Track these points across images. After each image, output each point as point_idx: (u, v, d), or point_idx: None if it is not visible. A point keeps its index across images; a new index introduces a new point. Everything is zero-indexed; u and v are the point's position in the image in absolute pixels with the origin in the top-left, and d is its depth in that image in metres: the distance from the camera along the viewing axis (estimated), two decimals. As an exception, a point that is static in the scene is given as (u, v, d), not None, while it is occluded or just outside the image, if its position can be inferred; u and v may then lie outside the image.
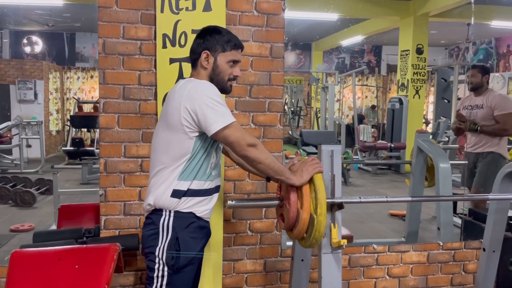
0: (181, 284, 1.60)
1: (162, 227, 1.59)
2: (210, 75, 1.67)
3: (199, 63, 1.67)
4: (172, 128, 1.58)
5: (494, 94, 3.33)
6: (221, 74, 1.67)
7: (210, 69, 1.66)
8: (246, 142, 1.55)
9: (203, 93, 1.55)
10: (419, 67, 7.97)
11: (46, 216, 4.56)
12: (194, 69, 1.70)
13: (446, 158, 2.88)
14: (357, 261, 2.53)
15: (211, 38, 1.66)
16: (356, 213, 4.85)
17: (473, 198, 2.93)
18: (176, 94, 1.61)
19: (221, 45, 1.66)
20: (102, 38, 2.15)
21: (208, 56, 1.66)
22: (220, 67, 1.66)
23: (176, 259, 1.57)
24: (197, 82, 1.62)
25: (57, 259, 1.70)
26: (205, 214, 1.67)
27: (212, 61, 1.66)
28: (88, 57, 10.90)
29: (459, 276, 2.68)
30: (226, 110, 1.58)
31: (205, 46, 1.66)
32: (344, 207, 1.77)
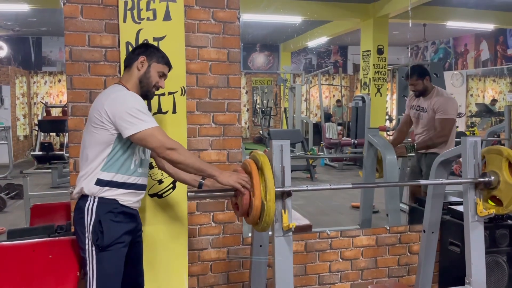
0: (110, 262, 1.79)
1: (87, 211, 1.80)
2: (140, 77, 1.93)
3: (135, 64, 1.93)
4: (96, 126, 1.82)
5: (438, 96, 3.24)
6: (150, 79, 1.94)
7: (142, 72, 1.93)
8: (165, 146, 1.77)
9: (124, 101, 1.80)
10: (380, 66, 8.36)
11: (16, 219, 4.62)
12: (128, 69, 1.96)
13: (393, 151, 3.16)
14: (312, 246, 2.76)
15: (150, 49, 1.98)
16: (320, 206, 5.13)
17: (407, 184, 3.21)
18: (102, 97, 1.87)
19: (156, 57, 1.96)
20: (68, 46, 2.31)
21: (144, 61, 1.93)
22: (151, 73, 1.94)
23: (100, 239, 1.77)
24: (123, 92, 1.87)
25: (32, 251, 1.85)
26: (130, 204, 1.88)
27: (146, 66, 1.93)
28: (55, 61, 10.82)
29: (405, 257, 2.96)
30: (146, 117, 1.79)
31: (144, 53, 1.95)
32: (292, 195, 2.00)
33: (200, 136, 2.53)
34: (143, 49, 1.97)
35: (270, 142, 2.04)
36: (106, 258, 1.79)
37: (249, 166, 1.94)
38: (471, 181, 2.23)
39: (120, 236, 1.82)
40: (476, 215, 2.25)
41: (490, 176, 2.21)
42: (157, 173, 2.38)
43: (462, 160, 2.29)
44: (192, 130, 2.50)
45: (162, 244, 2.38)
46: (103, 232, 1.78)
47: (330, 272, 2.81)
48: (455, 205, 2.94)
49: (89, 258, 1.79)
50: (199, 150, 2.53)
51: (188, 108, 2.46)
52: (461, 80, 11.44)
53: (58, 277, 1.80)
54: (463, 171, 2.30)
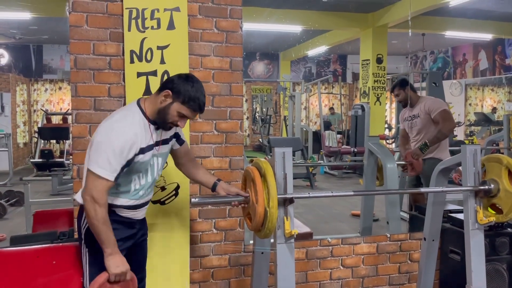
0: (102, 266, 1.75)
1: (84, 216, 1.78)
2: (159, 109, 1.79)
3: (160, 94, 1.79)
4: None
5: (425, 100, 3.50)
6: (167, 116, 1.79)
7: (163, 106, 1.78)
8: (93, 195, 1.66)
9: (107, 135, 1.70)
10: (379, 75, 8.42)
11: (17, 226, 4.62)
12: (156, 94, 1.82)
13: (393, 159, 3.18)
14: (313, 253, 2.77)
15: (182, 86, 1.77)
16: (320, 214, 5.13)
17: (408, 191, 3.23)
18: (108, 118, 1.83)
19: (183, 97, 1.76)
20: (73, 54, 2.34)
21: (168, 96, 1.77)
22: (170, 111, 1.78)
23: (93, 242, 1.75)
24: (116, 124, 1.74)
25: (36, 257, 1.86)
26: (129, 216, 1.87)
27: (168, 102, 1.77)
28: (56, 69, 10.86)
29: (405, 265, 2.97)
30: (106, 163, 1.66)
31: (172, 88, 1.77)
32: (294, 202, 2.02)
33: (202, 144, 2.55)
34: (174, 82, 1.78)
35: (272, 150, 2.06)
36: (99, 262, 1.79)
37: (252, 173, 1.96)
38: (471, 189, 2.25)
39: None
40: (476, 223, 2.27)
41: (490, 184, 2.23)
42: (160, 180, 2.40)
43: (462, 168, 2.32)
44: (194, 138, 2.52)
45: (164, 251, 2.39)
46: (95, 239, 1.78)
47: (331, 280, 2.82)
48: (455, 213, 2.96)
49: (84, 261, 1.82)
50: (202, 157, 2.55)
51: (191, 116, 2.48)
52: (459, 89, 11.51)
53: (61, 283, 1.81)
54: (463, 179, 2.32)
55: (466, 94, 11.54)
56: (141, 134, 1.77)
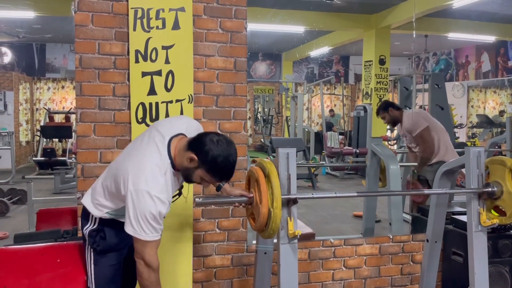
0: (105, 265, 1.80)
1: (91, 218, 1.81)
2: (184, 167, 1.70)
3: (187, 155, 1.67)
4: (113, 184, 1.73)
5: (405, 119, 3.55)
6: (190, 177, 1.73)
7: (187, 167, 1.69)
8: (145, 259, 1.66)
9: (143, 198, 1.60)
10: (381, 76, 8.42)
11: (19, 224, 4.63)
12: (186, 147, 1.69)
13: (396, 160, 3.19)
14: (316, 254, 2.77)
15: (210, 154, 1.65)
16: (322, 215, 5.14)
17: (411, 193, 3.23)
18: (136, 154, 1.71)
19: (210, 166, 1.67)
20: (78, 53, 2.34)
21: (193, 160, 1.66)
22: (194, 175, 1.71)
23: (97, 243, 1.78)
24: (154, 189, 1.62)
25: (40, 255, 1.87)
26: None
27: (192, 166, 1.68)
28: (59, 68, 10.89)
29: (408, 266, 2.97)
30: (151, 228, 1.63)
31: (199, 153, 1.66)
32: (298, 202, 2.02)
33: (206, 144, 2.55)
34: (203, 148, 1.65)
35: (276, 150, 2.07)
36: (103, 261, 1.82)
37: (256, 173, 1.96)
38: (475, 191, 2.25)
39: (117, 243, 1.83)
40: (479, 225, 2.27)
41: (494, 186, 2.23)
42: (164, 179, 2.40)
43: (466, 170, 2.32)
44: (198, 138, 2.52)
45: (167, 250, 2.39)
46: (100, 238, 1.80)
47: (333, 281, 2.82)
48: (458, 215, 2.96)
49: (88, 261, 1.83)
50: (205, 157, 2.55)
51: (195, 116, 2.49)
52: (462, 91, 11.51)
53: (66, 281, 1.82)
54: (467, 181, 2.32)
55: (468, 96, 11.53)
56: (173, 190, 1.74)
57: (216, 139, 1.68)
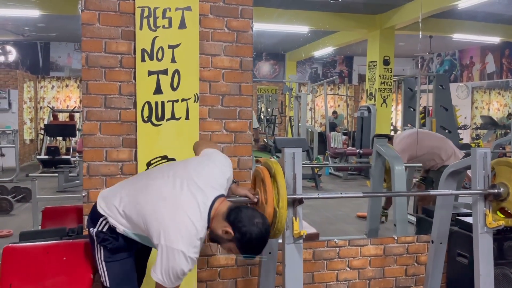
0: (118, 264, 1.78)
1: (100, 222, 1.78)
2: (217, 234, 1.70)
3: (224, 226, 1.66)
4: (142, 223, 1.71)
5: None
6: (218, 243, 1.74)
7: (220, 236, 1.69)
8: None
9: (173, 257, 1.60)
10: (386, 77, 8.41)
11: (23, 222, 4.64)
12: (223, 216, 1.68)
13: (401, 161, 3.17)
14: (320, 254, 2.77)
15: (247, 234, 1.64)
16: (326, 216, 5.13)
17: (417, 193, 3.22)
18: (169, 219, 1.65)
19: (242, 245, 1.67)
20: (85, 52, 2.35)
21: (228, 234, 1.66)
22: (224, 245, 1.71)
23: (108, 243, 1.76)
24: (188, 251, 1.61)
25: (46, 253, 1.87)
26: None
27: (226, 238, 1.68)
28: (63, 67, 10.90)
29: (412, 267, 2.96)
30: (178, 279, 1.64)
31: (238, 231, 1.64)
32: (303, 202, 2.02)
33: (211, 143, 2.55)
34: (241, 225, 1.64)
35: (282, 150, 2.07)
36: (115, 257, 1.79)
37: (262, 173, 1.96)
38: (481, 193, 2.25)
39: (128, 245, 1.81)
40: (485, 227, 2.26)
41: (500, 187, 2.23)
42: (169, 178, 2.41)
43: (472, 172, 2.31)
44: (204, 137, 2.53)
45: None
46: (111, 238, 1.78)
47: (338, 281, 2.82)
48: (463, 216, 2.95)
49: (98, 257, 1.79)
50: (210, 157, 2.55)
51: (201, 115, 2.50)
52: (466, 92, 11.47)
53: (72, 279, 1.82)
54: (473, 183, 2.32)
55: (472, 97, 11.50)
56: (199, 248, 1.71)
57: (256, 221, 1.67)
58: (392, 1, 7.59)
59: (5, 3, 6.45)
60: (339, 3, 7.06)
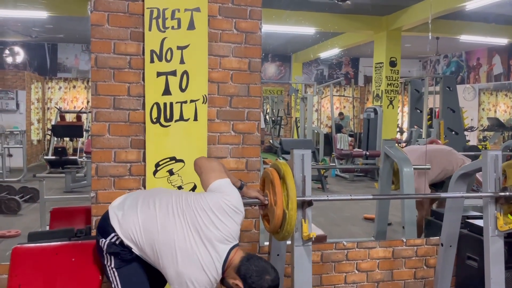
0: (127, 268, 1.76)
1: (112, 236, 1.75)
2: (227, 283, 1.72)
3: (235, 278, 1.69)
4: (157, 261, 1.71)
5: None
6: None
7: (229, 284, 1.71)
8: None
9: None
10: (392, 78, 8.37)
11: (31, 222, 4.66)
12: (235, 270, 1.69)
13: (410, 163, 3.15)
14: (328, 257, 2.75)
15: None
16: (332, 217, 5.10)
17: (427, 196, 3.19)
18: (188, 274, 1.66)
19: None
20: (94, 53, 2.35)
21: (238, 286, 1.68)
22: None
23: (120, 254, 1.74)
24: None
25: (55, 254, 1.87)
26: None
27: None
28: (70, 68, 10.95)
29: (421, 270, 2.93)
30: None
31: (247, 283, 1.67)
32: (313, 204, 2.01)
33: (219, 144, 2.55)
34: (250, 280, 1.67)
35: (291, 152, 2.06)
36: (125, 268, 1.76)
37: (271, 175, 1.96)
38: (492, 195, 2.23)
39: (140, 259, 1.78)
40: (496, 230, 2.24)
41: (511, 190, 2.21)
42: (177, 179, 2.41)
43: (483, 174, 2.29)
44: (212, 138, 2.52)
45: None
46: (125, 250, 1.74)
47: (346, 284, 2.80)
48: (472, 219, 2.92)
49: (108, 263, 1.76)
50: (219, 158, 2.54)
51: (209, 116, 2.49)
52: (473, 94, 11.41)
53: (80, 280, 1.82)
54: (484, 185, 2.29)
55: (479, 99, 11.43)
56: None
57: (266, 278, 1.68)
58: (399, 3, 7.56)
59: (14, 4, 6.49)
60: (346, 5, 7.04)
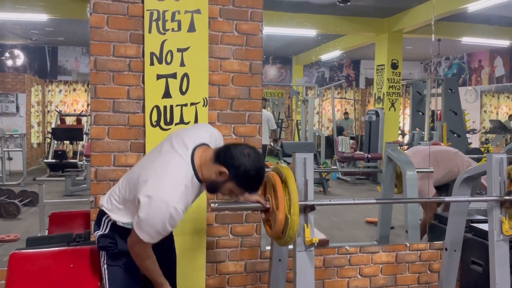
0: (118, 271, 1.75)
1: (104, 221, 1.77)
2: (212, 181, 1.67)
3: (216, 168, 1.64)
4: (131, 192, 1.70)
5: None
6: (217, 189, 1.69)
7: (215, 180, 1.66)
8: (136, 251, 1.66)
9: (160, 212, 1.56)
10: (394, 81, 8.34)
11: (30, 226, 4.63)
12: (213, 160, 1.65)
13: (413, 166, 3.11)
14: (331, 261, 2.72)
15: (242, 168, 1.62)
16: (334, 221, 5.06)
17: (431, 199, 3.15)
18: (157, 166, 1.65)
19: (241, 180, 1.64)
20: (93, 56, 2.33)
21: (223, 174, 1.63)
22: (222, 188, 1.67)
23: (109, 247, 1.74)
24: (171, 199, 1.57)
25: (53, 259, 1.84)
26: None
27: (222, 179, 1.65)
28: (71, 70, 10.95)
29: (425, 275, 2.90)
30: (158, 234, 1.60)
31: (231, 167, 1.62)
32: (315, 209, 1.97)
33: (220, 148, 2.52)
34: (233, 162, 1.62)
35: (293, 155, 2.02)
36: (117, 263, 1.77)
37: (273, 179, 1.92)
38: (497, 199, 2.19)
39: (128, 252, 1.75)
40: (501, 234, 2.20)
41: (517, 194, 2.17)
42: (177, 183, 2.37)
43: (488, 178, 2.25)
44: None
45: (180, 256, 2.35)
46: (111, 243, 1.76)
47: (349, 289, 2.76)
48: (477, 223, 2.88)
49: (101, 263, 1.78)
50: (219, 162, 2.52)
51: (210, 119, 2.46)
52: (475, 96, 11.37)
53: (79, 286, 1.79)
54: (488, 189, 2.26)
55: (481, 101, 11.40)
56: (192, 200, 1.70)
57: (247, 152, 1.65)
58: (401, 5, 7.54)
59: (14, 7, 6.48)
60: (347, 7, 7.02)
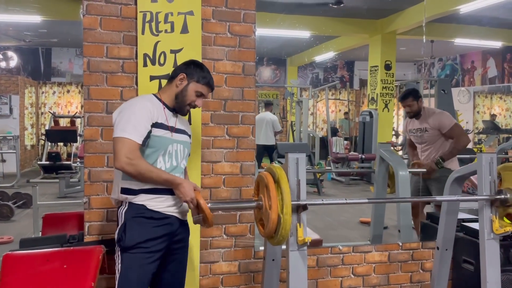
0: (131, 264, 1.78)
1: (119, 215, 1.84)
2: (177, 93, 1.94)
3: (174, 81, 1.94)
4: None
5: (433, 114, 3.38)
6: (185, 98, 1.93)
7: (180, 89, 1.93)
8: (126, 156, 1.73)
9: (127, 106, 1.85)
10: (387, 82, 8.39)
11: (24, 228, 4.61)
12: (169, 82, 1.97)
13: (405, 166, 3.14)
14: (324, 261, 2.73)
15: (193, 68, 1.95)
16: (328, 221, 5.09)
17: (422, 199, 3.18)
18: None
19: (197, 76, 1.94)
20: (86, 57, 2.33)
21: (184, 78, 1.93)
22: (188, 92, 1.93)
23: (123, 240, 1.78)
24: (134, 100, 1.94)
25: (46, 260, 1.84)
26: (160, 209, 1.86)
27: (184, 84, 1.93)
28: (64, 72, 10.91)
29: (417, 274, 2.92)
30: (127, 126, 1.77)
31: (185, 71, 1.94)
32: (308, 208, 1.99)
33: (214, 148, 2.53)
34: (185, 66, 1.97)
35: (286, 155, 2.04)
36: (128, 260, 1.78)
37: (266, 179, 1.94)
38: (487, 198, 2.21)
39: (144, 241, 1.79)
40: (492, 233, 2.23)
41: (506, 193, 2.20)
42: (171, 184, 2.38)
43: (478, 177, 2.28)
44: (206, 142, 2.51)
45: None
46: (126, 234, 1.79)
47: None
48: (468, 222, 2.91)
49: (117, 259, 1.81)
50: (213, 162, 2.53)
51: (203, 120, 2.48)
52: (468, 96, 11.46)
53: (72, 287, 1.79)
54: (479, 188, 2.28)
55: (474, 101, 11.48)
56: (157, 111, 1.87)
57: (190, 61, 2.00)
58: (394, 6, 7.59)
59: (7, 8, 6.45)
60: (340, 8, 7.06)
